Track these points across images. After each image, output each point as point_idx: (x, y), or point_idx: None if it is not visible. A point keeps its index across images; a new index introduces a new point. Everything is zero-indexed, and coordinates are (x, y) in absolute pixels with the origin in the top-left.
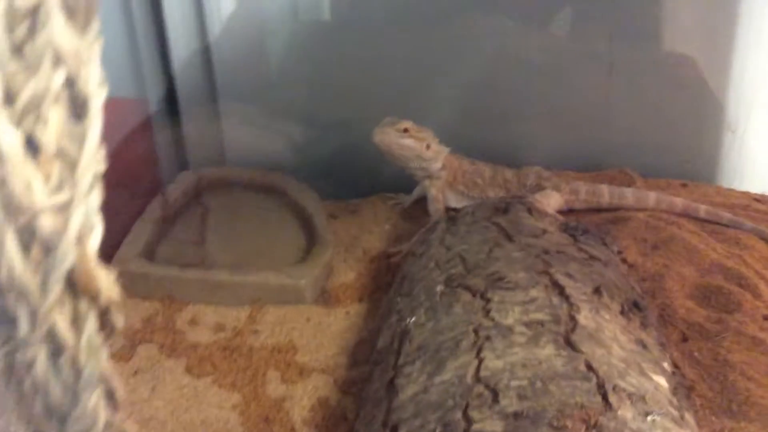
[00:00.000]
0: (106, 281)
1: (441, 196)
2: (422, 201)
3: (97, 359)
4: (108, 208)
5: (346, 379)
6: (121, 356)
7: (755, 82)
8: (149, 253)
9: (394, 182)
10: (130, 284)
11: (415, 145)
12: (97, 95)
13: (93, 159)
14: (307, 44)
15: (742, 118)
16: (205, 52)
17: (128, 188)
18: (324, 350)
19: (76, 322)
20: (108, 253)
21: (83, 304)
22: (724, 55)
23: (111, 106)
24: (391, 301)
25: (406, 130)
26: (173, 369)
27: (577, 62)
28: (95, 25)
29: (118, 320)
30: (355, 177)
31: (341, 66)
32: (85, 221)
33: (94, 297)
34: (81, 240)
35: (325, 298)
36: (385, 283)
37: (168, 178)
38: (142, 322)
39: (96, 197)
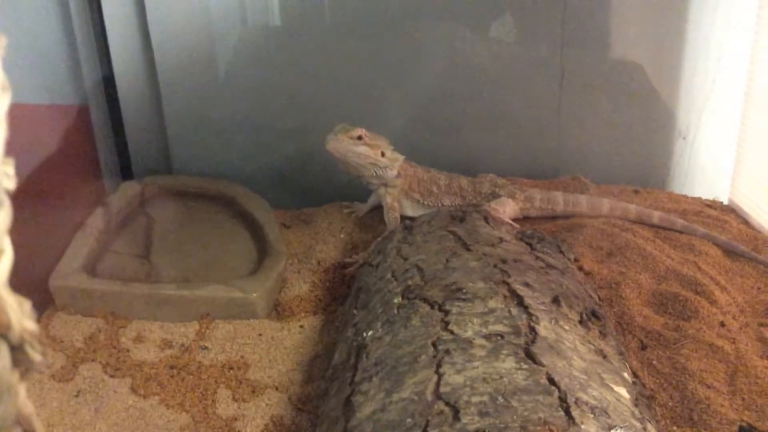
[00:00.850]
0: (18, 311)
1: (397, 204)
2: (378, 210)
3: (12, 399)
4: (47, 220)
5: (300, 396)
6: (61, 377)
7: (705, 89)
8: (91, 267)
9: (348, 190)
10: (70, 300)
11: (370, 153)
12: None
13: None
14: (256, 50)
15: (693, 124)
16: (149, 58)
17: (68, 199)
18: (277, 366)
19: None
20: (47, 267)
21: None
22: (674, 62)
23: (50, 113)
24: (347, 314)
25: (360, 137)
26: (118, 389)
27: (529, 70)
28: None
29: (35, 355)
30: (308, 185)
31: (291, 73)
32: None
33: (4, 330)
34: None
35: (278, 311)
36: (340, 294)
37: (111, 188)
38: (83, 340)
39: (4, 219)
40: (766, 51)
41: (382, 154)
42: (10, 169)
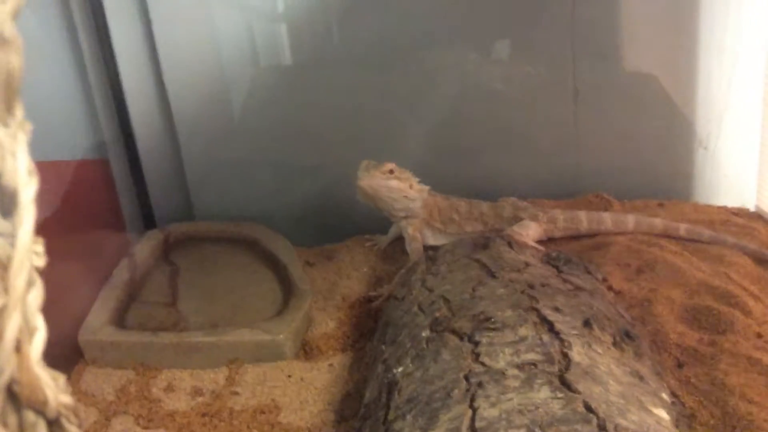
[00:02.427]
0: (54, 387)
1: (419, 234)
2: (399, 241)
3: None
4: (73, 275)
5: None
6: (94, 431)
7: (722, 97)
8: (119, 320)
9: (368, 224)
10: (100, 354)
11: (402, 186)
12: (26, 187)
13: (27, 257)
14: (270, 90)
15: (713, 133)
16: (164, 106)
17: (93, 252)
18: (308, 407)
19: None
20: (77, 323)
21: (30, 415)
22: (689, 71)
23: (71, 169)
24: (375, 350)
25: (391, 172)
26: None
27: (542, 90)
28: (19, 113)
29: (73, 428)
30: (329, 221)
31: (306, 109)
32: (24, 326)
33: (41, 407)
34: (20, 347)
35: (306, 351)
36: (367, 329)
37: (135, 239)
38: (115, 392)
39: (36, 297)
40: None
41: (410, 186)
42: (39, 248)
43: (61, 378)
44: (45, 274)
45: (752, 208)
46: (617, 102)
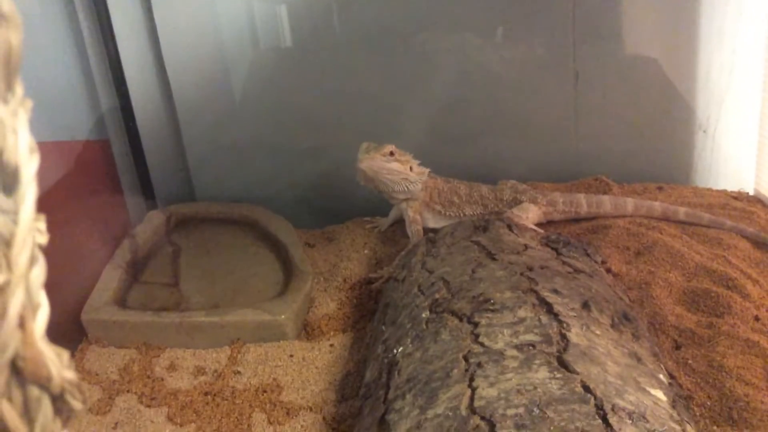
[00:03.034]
0: (58, 363)
1: (419, 217)
2: (400, 223)
3: None
4: (76, 255)
5: (335, 416)
6: (98, 410)
7: (722, 81)
8: (121, 300)
9: (369, 206)
10: (103, 333)
11: (402, 168)
12: (27, 164)
13: (29, 233)
14: (270, 72)
15: (713, 117)
16: (165, 88)
17: (95, 233)
18: (310, 387)
19: (28, 411)
20: (80, 302)
21: (34, 390)
22: (689, 56)
23: (72, 149)
24: (375, 330)
25: (391, 154)
26: (154, 419)
27: (542, 74)
28: (19, 90)
29: (77, 403)
30: (329, 203)
31: (306, 92)
32: (27, 302)
33: (45, 382)
34: (24, 323)
35: (308, 331)
36: (368, 310)
37: (136, 219)
38: (118, 371)
39: (39, 274)
40: None
41: (411, 169)
42: (42, 225)
43: (65, 354)
44: (47, 254)
45: (751, 192)
46: (617, 85)
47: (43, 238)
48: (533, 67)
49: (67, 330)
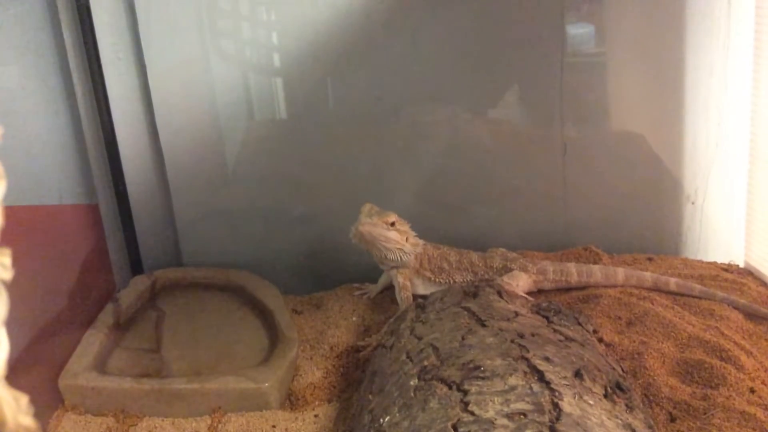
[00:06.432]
0: (14, 407)
1: (408, 283)
2: (389, 290)
3: None
4: (57, 319)
5: None
6: None
7: (709, 154)
8: (101, 365)
9: (358, 273)
10: (80, 399)
11: (399, 239)
12: None
13: None
14: (263, 142)
15: (701, 188)
16: (157, 154)
17: (78, 296)
18: None
19: None
20: (58, 366)
21: None
22: (675, 129)
23: (60, 213)
24: (362, 400)
25: (393, 224)
26: None
27: (531, 146)
28: None
29: None
30: (318, 270)
31: (298, 161)
32: None
33: None
34: None
35: (292, 401)
36: (355, 379)
37: (121, 284)
38: None
39: (1, 310)
40: (766, 111)
41: (407, 239)
42: (6, 259)
43: (24, 398)
44: (29, 319)
45: (741, 264)
46: (605, 158)
47: (8, 274)
48: (522, 140)
49: (44, 396)
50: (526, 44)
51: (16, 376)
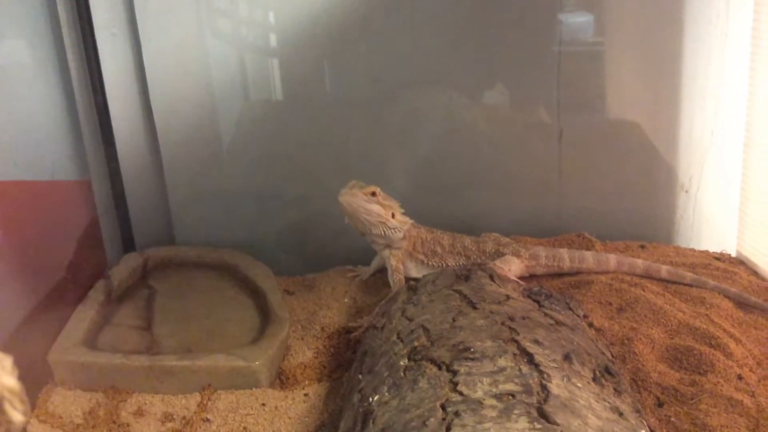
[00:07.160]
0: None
1: (401, 266)
2: (382, 272)
3: None
4: (48, 294)
5: None
6: None
7: (704, 143)
8: (91, 341)
9: (352, 255)
10: (70, 375)
11: (381, 212)
12: None
13: None
14: (258, 122)
15: (695, 177)
16: (151, 131)
17: (70, 272)
18: None
19: None
20: (48, 342)
21: None
22: (671, 118)
23: (53, 189)
24: (352, 379)
25: (373, 194)
26: None
27: (527, 132)
28: None
29: (17, 414)
30: (311, 251)
31: (293, 143)
32: None
33: None
34: None
35: (282, 380)
36: (345, 360)
37: (113, 261)
38: (83, 415)
39: None
40: (762, 100)
41: (393, 216)
42: None
43: (8, 360)
44: (20, 293)
45: (733, 253)
46: (600, 146)
47: None
48: (518, 126)
49: (34, 370)
50: (524, 31)
51: (6, 350)
